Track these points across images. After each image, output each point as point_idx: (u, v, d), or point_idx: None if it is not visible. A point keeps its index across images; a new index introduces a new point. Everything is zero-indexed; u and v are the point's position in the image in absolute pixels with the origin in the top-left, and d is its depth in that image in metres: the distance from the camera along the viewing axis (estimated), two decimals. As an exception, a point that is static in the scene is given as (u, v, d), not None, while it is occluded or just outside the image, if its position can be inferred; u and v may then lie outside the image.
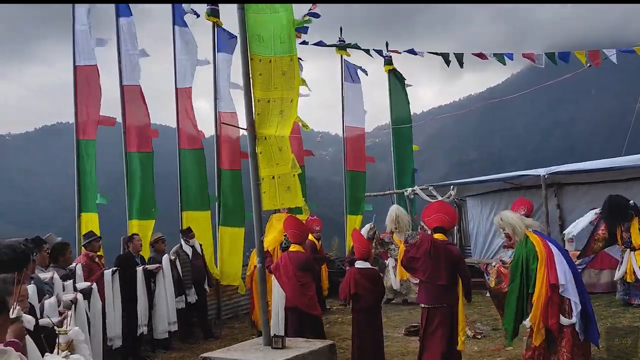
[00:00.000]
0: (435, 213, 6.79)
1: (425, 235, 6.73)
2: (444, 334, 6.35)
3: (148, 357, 8.01)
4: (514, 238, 6.32)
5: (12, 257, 3.32)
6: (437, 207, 6.97)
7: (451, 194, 12.88)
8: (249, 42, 6.72)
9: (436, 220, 6.75)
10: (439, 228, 6.71)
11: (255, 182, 6.81)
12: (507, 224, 6.21)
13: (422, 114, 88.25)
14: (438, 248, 6.47)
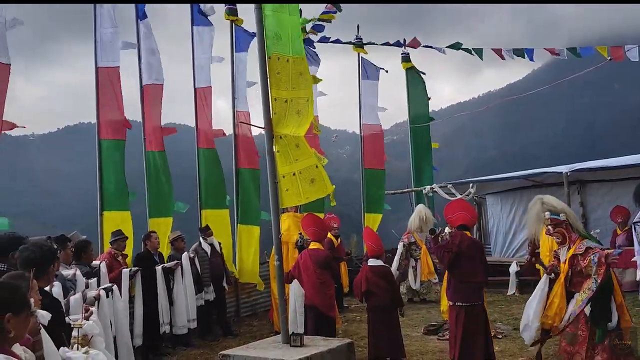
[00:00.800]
0: (459, 211, 6.77)
1: (460, 233, 6.67)
2: (485, 332, 6.36)
3: (168, 354, 8.10)
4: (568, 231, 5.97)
5: (39, 254, 3.39)
6: (459, 205, 6.96)
7: (470, 191, 12.79)
8: (267, 40, 6.76)
9: (460, 218, 6.73)
10: (463, 226, 6.69)
11: (273, 180, 6.83)
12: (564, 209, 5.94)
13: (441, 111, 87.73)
14: (476, 246, 6.50)
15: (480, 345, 6.35)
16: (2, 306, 2.31)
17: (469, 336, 6.35)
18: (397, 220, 11.53)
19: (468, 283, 6.41)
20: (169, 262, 8.40)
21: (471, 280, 6.40)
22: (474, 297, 6.42)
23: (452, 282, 6.58)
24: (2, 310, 2.29)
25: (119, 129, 8.99)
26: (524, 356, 7.04)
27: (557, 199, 6.16)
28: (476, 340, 6.35)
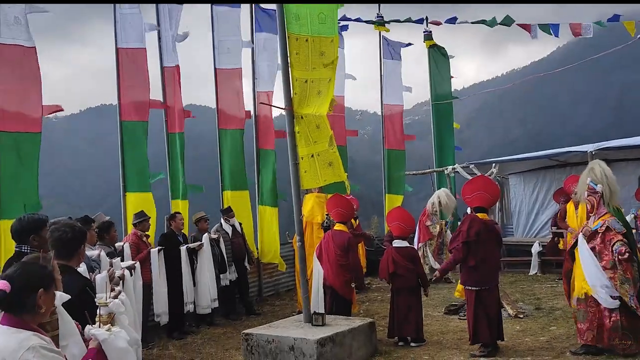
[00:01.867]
0: (477, 191, 6.64)
1: (472, 216, 6.60)
2: (493, 315, 6.33)
3: (192, 333, 8.25)
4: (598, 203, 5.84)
5: (71, 235, 3.45)
6: (479, 185, 6.79)
7: (493, 171, 12.63)
8: (286, 21, 6.72)
9: (478, 199, 6.63)
10: (480, 208, 6.61)
11: (294, 161, 6.85)
12: (607, 182, 5.75)
13: (464, 90, 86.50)
14: (489, 229, 6.42)
15: (490, 326, 6.33)
16: (35, 281, 2.36)
17: (480, 319, 6.35)
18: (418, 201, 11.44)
19: (478, 267, 6.37)
20: (191, 243, 8.52)
21: (484, 265, 6.36)
22: (484, 281, 6.39)
23: (463, 267, 6.57)
24: (35, 286, 2.34)
25: (141, 110, 9.04)
26: (545, 335, 7.01)
27: (609, 170, 5.98)
28: (487, 322, 6.34)
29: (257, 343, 6.45)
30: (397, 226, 7.37)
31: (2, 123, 7.15)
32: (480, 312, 6.35)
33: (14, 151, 7.26)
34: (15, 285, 2.32)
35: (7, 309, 2.35)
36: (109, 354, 2.60)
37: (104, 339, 2.61)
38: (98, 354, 2.59)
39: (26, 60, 7.34)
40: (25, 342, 2.26)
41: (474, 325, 6.38)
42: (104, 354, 2.60)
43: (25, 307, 2.33)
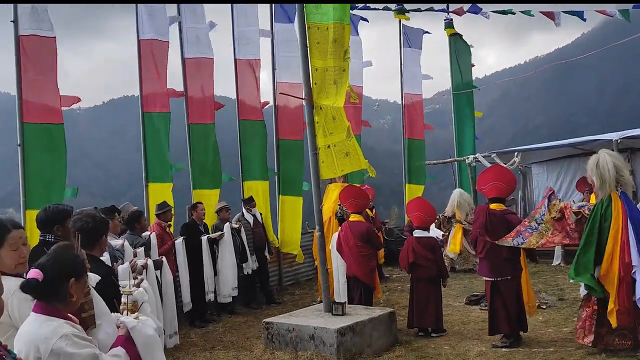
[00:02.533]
0: (493, 181, 6.56)
1: (481, 207, 6.56)
2: (510, 306, 6.27)
3: (214, 321, 8.34)
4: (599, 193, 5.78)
5: (92, 225, 3.50)
6: (493, 175, 6.69)
7: (515, 160, 12.46)
8: (306, 11, 6.69)
9: (493, 189, 6.54)
10: (497, 199, 6.54)
11: (313, 151, 6.86)
12: (598, 174, 5.65)
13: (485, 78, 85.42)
14: (496, 220, 6.32)
15: (509, 317, 6.28)
16: (67, 271, 2.41)
17: (498, 310, 6.30)
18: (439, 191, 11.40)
19: (488, 258, 6.32)
20: (213, 232, 8.59)
21: (498, 255, 6.30)
22: (501, 272, 6.32)
23: (479, 258, 6.54)
24: (67, 275, 2.39)
25: (163, 101, 9.11)
26: (568, 327, 6.93)
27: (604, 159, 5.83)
28: (505, 313, 6.29)
29: (277, 332, 6.50)
30: (417, 216, 7.34)
31: (26, 114, 7.28)
32: (498, 302, 6.30)
33: (39, 142, 7.39)
34: (47, 274, 2.37)
35: (40, 297, 2.40)
36: (137, 341, 2.65)
37: (133, 326, 2.66)
38: (127, 340, 2.65)
39: (46, 51, 7.44)
40: (58, 330, 2.32)
41: (492, 316, 6.34)
42: (132, 341, 2.64)
43: (57, 295, 2.38)
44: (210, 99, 9.85)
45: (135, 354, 2.63)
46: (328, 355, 5.99)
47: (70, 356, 2.30)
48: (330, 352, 5.99)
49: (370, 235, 7.48)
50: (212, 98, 9.91)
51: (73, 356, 2.31)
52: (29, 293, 2.37)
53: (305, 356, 6.10)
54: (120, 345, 2.63)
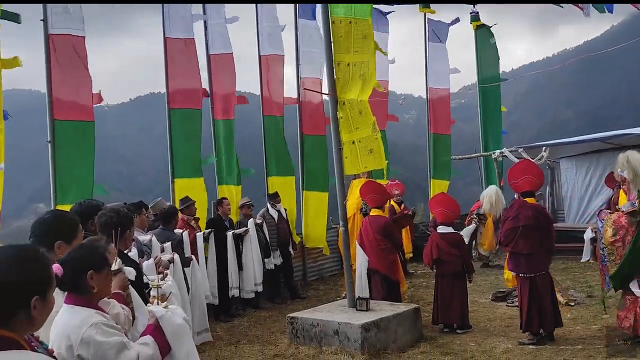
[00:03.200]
0: (523, 175, 6.50)
1: (521, 202, 6.46)
2: (547, 302, 6.23)
3: (239, 315, 8.41)
4: (629, 188, 5.74)
5: (116, 220, 3.56)
6: (524, 168, 6.66)
7: (543, 155, 12.25)
8: (330, 5, 6.68)
9: (526, 183, 6.48)
10: (529, 192, 6.46)
11: (337, 147, 6.85)
12: (630, 167, 5.59)
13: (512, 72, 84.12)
14: (539, 213, 6.28)
15: (549, 313, 6.21)
16: (85, 264, 2.48)
17: (534, 306, 6.21)
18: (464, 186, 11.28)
19: (532, 254, 6.23)
20: (237, 228, 8.66)
21: (537, 250, 6.22)
22: (537, 267, 6.25)
23: (513, 253, 6.41)
24: (84, 268, 2.46)
25: (191, 98, 9.18)
26: (597, 324, 6.82)
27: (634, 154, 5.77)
28: (542, 310, 6.22)
29: (302, 327, 6.52)
30: (440, 212, 7.31)
31: (56, 111, 7.42)
32: (534, 299, 6.22)
33: (69, 138, 7.53)
34: (66, 268, 2.44)
35: (66, 290, 2.48)
36: (166, 329, 2.69)
37: (161, 315, 2.70)
38: (155, 329, 2.69)
39: (76, 50, 7.58)
40: (88, 319, 2.39)
41: (527, 312, 6.24)
42: (161, 330, 2.68)
43: (79, 288, 2.46)
44: (233, 95, 9.91)
45: (164, 342, 2.67)
46: (352, 350, 5.99)
47: (99, 344, 2.36)
48: (355, 348, 5.99)
49: (388, 230, 7.47)
50: (234, 94, 9.96)
51: (102, 344, 2.37)
52: None
53: (329, 351, 6.12)
54: (149, 334, 2.67)
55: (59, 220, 2.93)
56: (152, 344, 2.61)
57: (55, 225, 2.88)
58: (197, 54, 9.23)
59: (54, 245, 2.74)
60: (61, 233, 2.84)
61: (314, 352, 6.20)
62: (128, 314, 2.84)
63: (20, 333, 1.78)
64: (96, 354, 2.36)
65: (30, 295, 1.76)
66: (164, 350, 2.65)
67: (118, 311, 2.78)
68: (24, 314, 1.76)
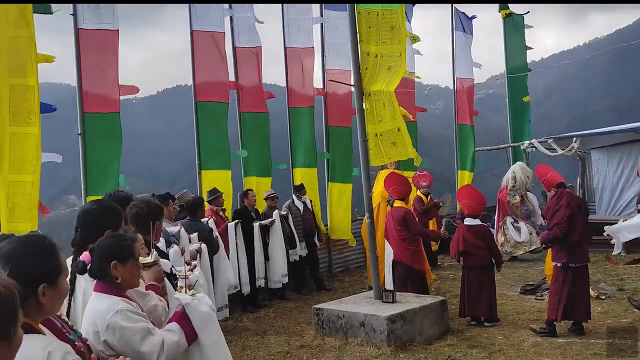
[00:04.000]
0: (551, 172, 6.64)
1: (567, 192, 6.48)
2: (587, 292, 6.28)
3: (265, 306, 8.47)
4: None
5: (147, 211, 3.59)
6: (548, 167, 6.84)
7: (574, 146, 12.03)
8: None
9: (557, 177, 6.59)
10: (562, 184, 6.50)
11: (363, 138, 6.83)
12: None
13: (542, 62, 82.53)
14: (582, 203, 6.41)
15: (584, 305, 6.18)
16: (109, 254, 2.52)
17: (576, 298, 6.16)
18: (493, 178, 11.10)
19: (582, 243, 6.21)
20: (263, 219, 8.70)
21: (584, 240, 6.23)
22: (583, 257, 6.28)
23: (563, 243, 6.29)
24: (108, 258, 2.50)
25: (218, 91, 9.23)
26: (628, 317, 6.69)
27: None
28: (581, 301, 6.19)
29: (327, 318, 6.54)
30: (467, 204, 7.26)
31: (86, 104, 7.55)
32: (577, 289, 6.18)
33: (98, 131, 7.66)
34: (93, 257, 2.51)
35: (95, 278, 2.53)
36: (192, 317, 2.71)
37: (187, 303, 2.73)
38: (182, 317, 2.71)
39: (108, 43, 7.69)
40: (114, 306, 2.43)
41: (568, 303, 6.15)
42: (187, 317, 2.71)
43: (104, 277, 2.50)
44: (260, 88, 9.92)
45: (191, 329, 2.68)
46: (378, 342, 5.99)
47: (124, 329, 2.40)
48: (381, 339, 5.99)
49: (406, 219, 7.44)
50: (262, 87, 9.98)
51: (127, 329, 2.41)
52: (79, 273, 2.54)
53: (355, 342, 6.13)
54: (174, 321, 2.69)
55: (105, 210, 2.97)
56: (177, 330, 2.63)
57: (101, 215, 2.92)
58: (224, 47, 9.27)
59: (102, 234, 2.78)
60: (109, 223, 2.88)
61: (339, 344, 6.21)
62: (165, 306, 2.88)
63: (33, 318, 1.85)
64: (121, 339, 2.40)
65: (37, 283, 1.84)
66: (190, 337, 2.67)
67: (156, 303, 2.81)
68: (34, 301, 1.84)
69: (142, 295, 2.76)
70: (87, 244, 2.67)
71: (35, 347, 1.76)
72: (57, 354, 1.77)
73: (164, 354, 2.51)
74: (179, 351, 2.61)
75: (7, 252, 1.88)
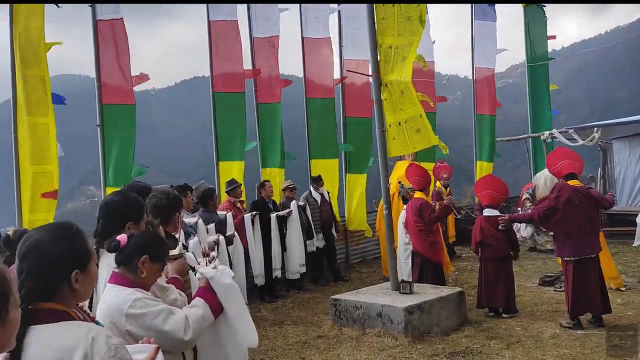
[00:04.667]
0: (563, 159, 6.47)
1: (563, 185, 6.31)
2: (599, 284, 6.12)
3: (283, 297, 8.51)
4: None
5: (166, 202, 3.61)
6: (562, 153, 6.65)
7: (595, 136, 11.83)
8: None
9: (566, 167, 6.43)
10: (571, 175, 6.33)
11: (381, 129, 6.79)
12: None
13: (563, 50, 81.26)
14: (583, 195, 6.10)
15: (595, 297, 6.06)
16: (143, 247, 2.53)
17: (580, 290, 6.06)
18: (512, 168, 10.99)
19: (577, 236, 6.06)
20: (280, 210, 8.73)
21: (580, 232, 6.06)
22: (583, 250, 6.10)
23: (559, 237, 6.27)
24: (141, 251, 2.52)
25: (235, 81, 9.24)
26: (651, 311, 6.59)
27: None
28: (595, 293, 6.06)
29: (345, 308, 6.55)
30: (487, 194, 7.15)
31: (104, 96, 7.63)
32: (579, 283, 6.06)
33: (116, 123, 7.74)
34: (129, 243, 2.53)
35: (119, 263, 2.54)
36: (217, 289, 2.73)
37: (211, 276, 2.75)
38: (206, 290, 2.73)
39: (117, 33, 7.74)
40: (130, 297, 2.45)
41: (574, 297, 6.09)
42: (212, 291, 2.73)
43: (130, 265, 2.51)
44: (277, 78, 9.91)
45: (216, 302, 2.71)
46: (396, 333, 5.99)
47: (144, 315, 2.42)
48: (398, 330, 5.98)
49: (422, 209, 7.40)
50: (279, 77, 9.97)
51: (147, 315, 2.43)
52: (110, 252, 2.55)
53: (372, 333, 6.13)
54: (198, 296, 2.71)
55: (127, 201, 2.98)
56: (201, 305, 2.65)
57: (123, 207, 2.92)
58: (240, 37, 9.27)
59: (124, 226, 2.81)
60: (131, 214, 2.89)
61: (357, 334, 6.22)
62: (185, 301, 2.88)
63: (67, 305, 1.87)
64: (144, 325, 2.41)
65: (70, 269, 1.85)
66: (216, 310, 2.69)
67: (175, 297, 2.82)
68: (67, 287, 1.85)
69: (162, 289, 2.77)
70: (109, 234, 2.69)
71: (79, 333, 1.77)
72: (101, 338, 1.79)
73: (190, 329, 2.52)
74: (205, 325, 2.63)
75: (37, 240, 1.88)
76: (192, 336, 2.54)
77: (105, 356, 1.77)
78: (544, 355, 5.38)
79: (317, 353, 5.81)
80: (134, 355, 1.92)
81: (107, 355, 1.77)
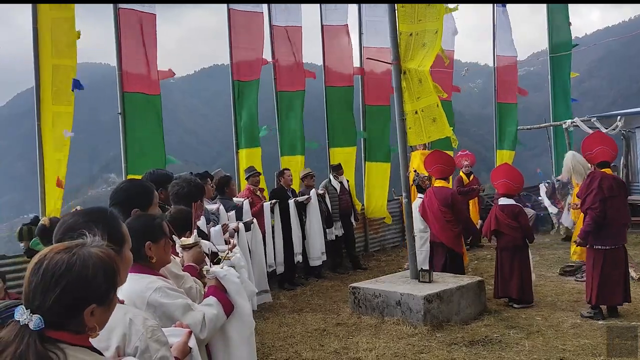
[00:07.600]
0: (599, 146, 6.27)
1: (601, 173, 6.19)
2: (624, 274, 6.09)
3: (302, 284, 8.57)
4: None
5: (187, 190, 3.65)
6: (599, 139, 6.43)
7: (618, 125, 11.65)
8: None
9: (600, 154, 6.26)
10: (604, 163, 6.21)
11: (400, 117, 6.77)
12: None
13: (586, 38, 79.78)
14: (618, 184, 6.11)
15: (619, 288, 6.02)
16: (142, 233, 2.50)
17: (608, 279, 6.01)
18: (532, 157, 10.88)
19: (612, 225, 5.98)
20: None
21: (615, 222, 5.98)
22: (615, 239, 6.05)
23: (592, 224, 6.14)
24: (141, 237, 2.48)
25: (255, 70, 9.25)
26: (673, 303, 6.50)
27: None
28: (615, 283, 6.03)
29: (364, 297, 6.58)
30: (503, 184, 7.06)
31: (126, 84, 7.69)
32: (610, 272, 6.01)
33: (138, 111, 7.81)
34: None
35: None
36: (229, 288, 2.78)
37: (224, 275, 2.80)
38: (217, 289, 2.77)
39: (145, 26, 7.79)
40: (151, 285, 2.46)
41: (600, 286, 6.02)
42: (224, 289, 2.78)
43: (140, 257, 2.49)
44: (300, 67, 9.89)
45: (228, 301, 2.75)
46: (415, 321, 6.00)
47: (165, 305, 2.45)
48: (417, 319, 6.00)
49: (455, 202, 7.34)
50: (302, 65, 9.95)
51: (167, 306, 2.45)
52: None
53: (391, 322, 6.15)
54: (211, 295, 2.75)
55: (135, 188, 3.01)
56: (215, 304, 2.69)
57: (131, 193, 2.94)
58: (261, 25, 9.26)
59: (130, 213, 2.82)
60: (135, 201, 2.90)
61: (376, 322, 6.25)
62: (200, 289, 2.90)
63: None
64: (163, 315, 2.44)
65: None
66: (227, 309, 2.73)
67: (190, 285, 2.85)
68: None
69: (177, 277, 2.78)
70: None
71: (117, 315, 1.79)
72: (138, 320, 1.83)
73: (206, 329, 2.56)
74: (218, 324, 2.67)
75: (71, 224, 1.91)
76: (207, 335, 2.58)
77: (142, 337, 1.81)
78: (564, 345, 5.35)
79: (336, 340, 5.85)
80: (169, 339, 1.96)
81: (144, 337, 1.81)
